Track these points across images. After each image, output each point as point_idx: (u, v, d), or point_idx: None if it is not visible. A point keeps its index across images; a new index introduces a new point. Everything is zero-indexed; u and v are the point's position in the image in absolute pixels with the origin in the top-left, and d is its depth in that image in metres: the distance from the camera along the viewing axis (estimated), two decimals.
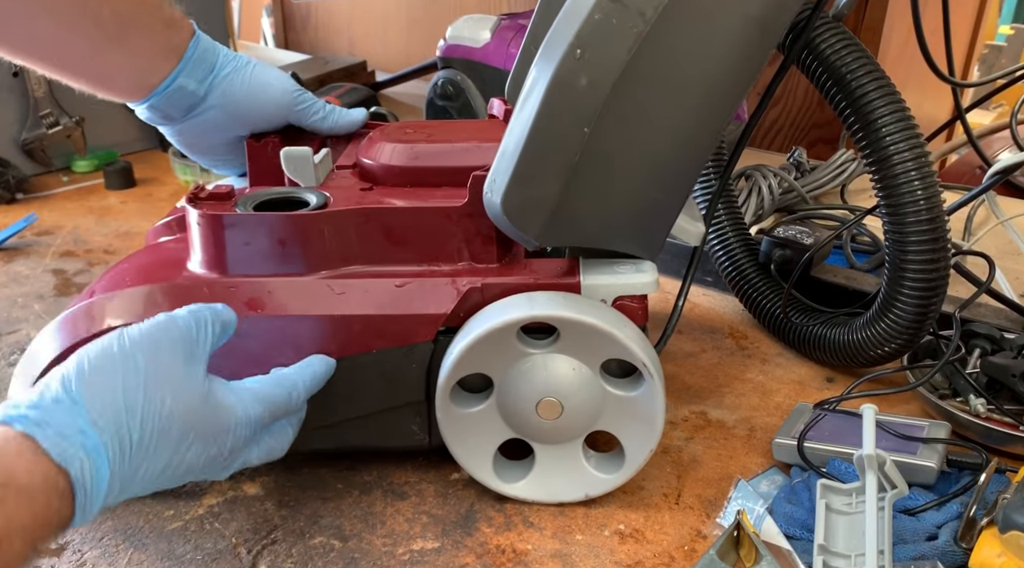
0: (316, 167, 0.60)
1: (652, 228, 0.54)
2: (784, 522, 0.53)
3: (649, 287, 0.54)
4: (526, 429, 0.55)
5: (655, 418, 0.53)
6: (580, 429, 0.55)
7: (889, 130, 0.59)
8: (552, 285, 0.53)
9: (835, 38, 0.60)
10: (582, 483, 0.56)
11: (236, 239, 0.54)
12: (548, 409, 0.53)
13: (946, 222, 0.60)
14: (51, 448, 0.38)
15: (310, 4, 1.86)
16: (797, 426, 0.61)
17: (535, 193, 0.49)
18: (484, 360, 0.53)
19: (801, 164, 1.05)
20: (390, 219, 0.54)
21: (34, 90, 1.14)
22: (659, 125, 0.49)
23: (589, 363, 0.53)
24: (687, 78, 0.47)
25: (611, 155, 0.49)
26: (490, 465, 0.56)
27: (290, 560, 0.52)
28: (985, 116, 1.94)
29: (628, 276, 0.54)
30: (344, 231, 0.54)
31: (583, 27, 0.45)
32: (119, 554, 0.53)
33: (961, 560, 0.49)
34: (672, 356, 0.75)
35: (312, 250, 0.54)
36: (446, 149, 0.59)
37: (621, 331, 0.51)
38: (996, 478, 0.54)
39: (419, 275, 0.55)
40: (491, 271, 0.55)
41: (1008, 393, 0.63)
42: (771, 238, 0.78)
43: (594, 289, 0.54)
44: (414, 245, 0.55)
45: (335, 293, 0.54)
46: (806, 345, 0.73)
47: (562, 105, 0.46)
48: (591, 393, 0.53)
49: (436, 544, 0.54)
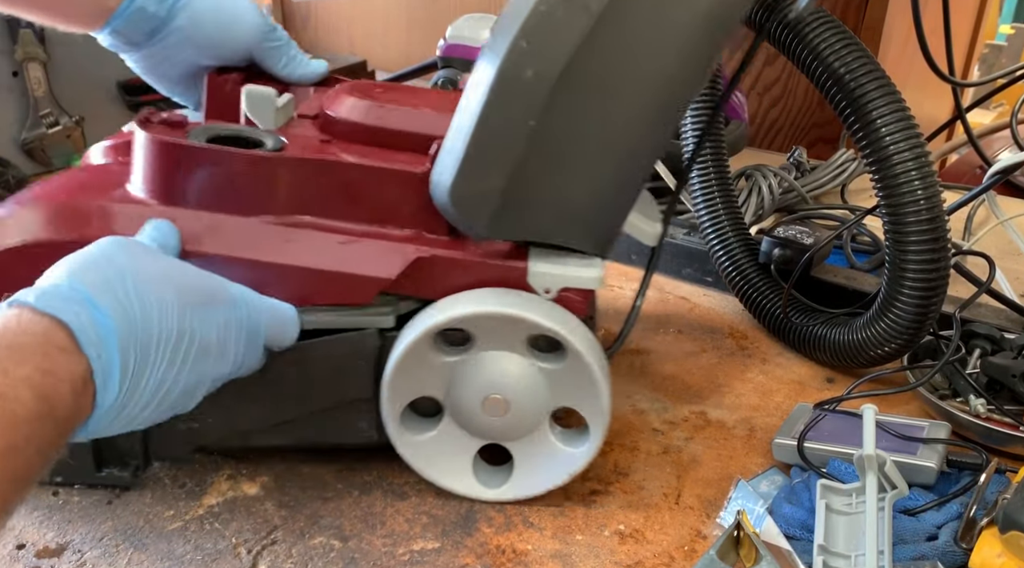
0: (277, 110, 0.58)
1: (602, 225, 0.53)
2: (784, 522, 0.53)
3: (594, 282, 0.53)
4: (488, 432, 0.55)
5: (595, 377, 0.53)
6: (538, 414, 0.55)
7: (889, 130, 0.59)
8: (501, 267, 0.53)
9: (835, 37, 0.60)
10: (563, 464, 0.56)
11: (183, 169, 0.52)
12: (495, 407, 0.53)
13: (946, 222, 0.60)
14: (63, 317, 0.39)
15: (310, 4, 1.86)
16: (797, 426, 0.61)
17: (482, 185, 0.49)
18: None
19: (801, 164, 1.05)
20: (348, 174, 0.53)
21: (34, 90, 1.14)
22: (608, 120, 0.48)
23: (512, 348, 0.53)
24: (635, 73, 0.47)
25: (559, 149, 0.48)
26: (472, 478, 0.56)
27: (290, 560, 0.52)
28: (985, 116, 1.94)
29: (576, 269, 0.53)
30: (298, 179, 0.53)
31: (529, 19, 0.45)
32: (119, 554, 0.53)
33: (961, 560, 0.49)
34: (672, 356, 0.75)
35: (261, 193, 0.53)
36: (413, 114, 0.58)
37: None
38: (996, 478, 0.54)
39: (367, 235, 0.53)
40: (441, 243, 0.54)
41: (1008, 393, 0.63)
42: (771, 238, 0.78)
43: (540, 277, 0.53)
44: (367, 205, 0.54)
45: (276, 240, 0.52)
46: (806, 345, 0.73)
47: (508, 97, 0.46)
48: (527, 376, 0.53)
49: (436, 544, 0.54)
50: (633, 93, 0.48)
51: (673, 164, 0.88)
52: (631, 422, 0.66)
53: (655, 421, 0.66)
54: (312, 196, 0.53)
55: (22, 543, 0.53)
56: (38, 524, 0.55)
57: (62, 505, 0.57)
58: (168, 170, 0.53)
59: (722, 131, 0.82)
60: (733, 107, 0.98)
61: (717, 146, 0.81)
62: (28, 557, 0.52)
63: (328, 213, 0.54)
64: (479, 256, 0.53)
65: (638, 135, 0.50)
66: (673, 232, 0.90)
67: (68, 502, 0.57)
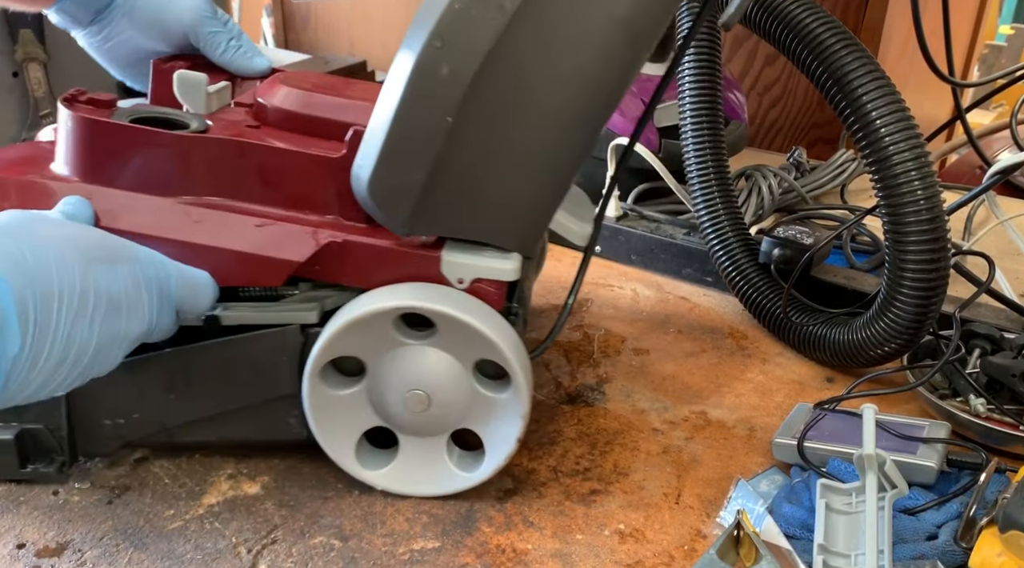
0: (210, 96, 0.59)
1: (523, 224, 0.53)
2: (784, 522, 0.53)
3: (508, 274, 0.53)
4: (392, 418, 0.55)
5: (517, 422, 0.54)
6: (446, 425, 0.55)
7: (889, 130, 0.59)
8: (414, 255, 0.53)
9: (835, 38, 0.60)
10: (442, 479, 0.56)
11: (102, 146, 0.53)
12: (416, 401, 0.53)
13: (946, 222, 0.60)
14: None
15: (310, 4, 1.86)
16: (797, 426, 0.61)
17: (400, 180, 0.49)
18: (359, 344, 0.53)
19: (801, 164, 1.05)
20: (263, 158, 0.53)
21: (34, 90, 1.14)
22: (525, 120, 0.48)
23: (462, 360, 0.53)
24: (552, 74, 0.47)
25: (478, 147, 0.48)
26: (352, 451, 0.56)
27: (290, 560, 0.52)
28: (985, 116, 1.94)
29: (490, 260, 0.53)
30: (215, 161, 0.53)
31: (443, 16, 0.45)
32: (119, 554, 0.53)
33: (961, 560, 0.49)
34: (672, 356, 0.75)
35: (177, 173, 0.53)
36: (341, 103, 0.58)
37: (497, 335, 0.51)
38: (996, 478, 0.54)
39: (283, 219, 0.54)
40: (357, 230, 0.54)
41: (1008, 393, 0.63)
42: (771, 238, 0.78)
43: (454, 266, 0.53)
44: (284, 189, 0.54)
45: (191, 220, 0.53)
46: (806, 345, 0.73)
47: (424, 93, 0.46)
48: (461, 390, 0.54)
49: (436, 544, 0.54)
50: (550, 94, 0.47)
51: (673, 164, 0.88)
52: (631, 422, 0.66)
53: (655, 421, 0.66)
54: (230, 178, 0.53)
55: (22, 543, 0.53)
56: (38, 523, 0.55)
57: (62, 504, 0.57)
58: (88, 148, 0.53)
59: (722, 131, 0.82)
60: (733, 107, 0.98)
61: (717, 146, 0.81)
62: (28, 557, 0.52)
63: (246, 197, 0.54)
64: (393, 244, 0.53)
65: (557, 136, 0.49)
66: (673, 232, 0.90)
67: (68, 502, 0.57)
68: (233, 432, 0.58)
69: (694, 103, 0.80)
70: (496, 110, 0.47)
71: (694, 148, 0.81)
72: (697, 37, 0.78)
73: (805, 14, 0.62)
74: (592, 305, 0.84)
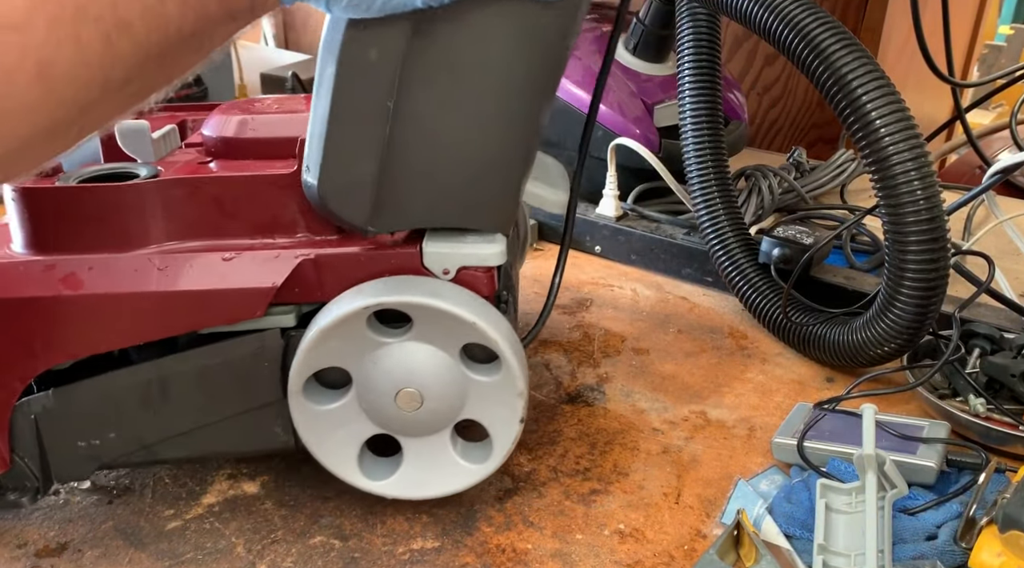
0: (156, 142, 0.56)
1: (491, 203, 0.52)
2: (784, 522, 0.53)
3: (495, 258, 0.52)
4: (389, 423, 0.53)
5: (516, 403, 0.52)
6: (445, 419, 0.53)
7: (889, 130, 0.59)
8: (393, 255, 0.52)
9: (834, 38, 0.60)
10: (453, 475, 0.55)
11: (51, 214, 0.51)
12: (408, 400, 0.52)
13: (946, 222, 0.60)
14: None
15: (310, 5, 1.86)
16: (797, 426, 0.61)
17: (351, 175, 0.48)
18: (337, 353, 0.51)
19: (801, 164, 1.05)
20: (216, 190, 0.52)
21: None
22: (464, 97, 0.47)
23: (447, 349, 0.51)
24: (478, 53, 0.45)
25: (423, 129, 0.47)
26: (355, 463, 0.54)
27: (290, 559, 0.52)
28: (985, 116, 1.94)
29: (473, 246, 0.51)
30: (168, 203, 0.51)
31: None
32: (119, 554, 0.53)
33: (961, 560, 0.49)
34: (672, 356, 0.75)
35: (134, 224, 0.51)
36: (285, 120, 0.56)
37: (475, 314, 0.50)
38: (996, 478, 0.55)
39: (250, 248, 0.52)
40: (328, 243, 0.52)
41: (1008, 393, 0.63)
42: (771, 238, 0.78)
43: (437, 257, 0.52)
44: (246, 217, 0.52)
45: (155, 268, 0.51)
46: (806, 345, 0.73)
47: (357, 80, 0.45)
48: (451, 380, 0.52)
49: (436, 543, 0.54)
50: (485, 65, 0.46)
51: (673, 164, 0.88)
52: (631, 422, 0.66)
53: (655, 421, 0.66)
54: (188, 219, 0.52)
55: (22, 542, 0.54)
56: (38, 523, 0.55)
57: (62, 504, 0.57)
58: (39, 218, 0.51)
59: (722, 131, 0.82)
60: (733, 107, 0.98)
61: (717, 146, 0.81)
62: (28, 556, 0.53)
63: (209, 234, 0.52)
64: (370, 248, 0.52)
65: (503, 111, 0.48)
66: (673, 232, 0.90)
67: (68, 502, 0.57)
68: (216, 445, 0.56)
69: (694, 103, 0.80)
70: (432, 89, 0.46)
71: (694, 148, 0.81)
72: (697, 37, 0.78)
73: (805, 14, 0.62)
74: (592, 305, 0.84)
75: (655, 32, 0.94)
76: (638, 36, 0.95)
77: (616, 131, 0.92)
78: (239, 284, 0.51)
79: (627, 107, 0.93)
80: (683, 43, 0.79)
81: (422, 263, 0.52)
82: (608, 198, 0.93)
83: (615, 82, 0.94)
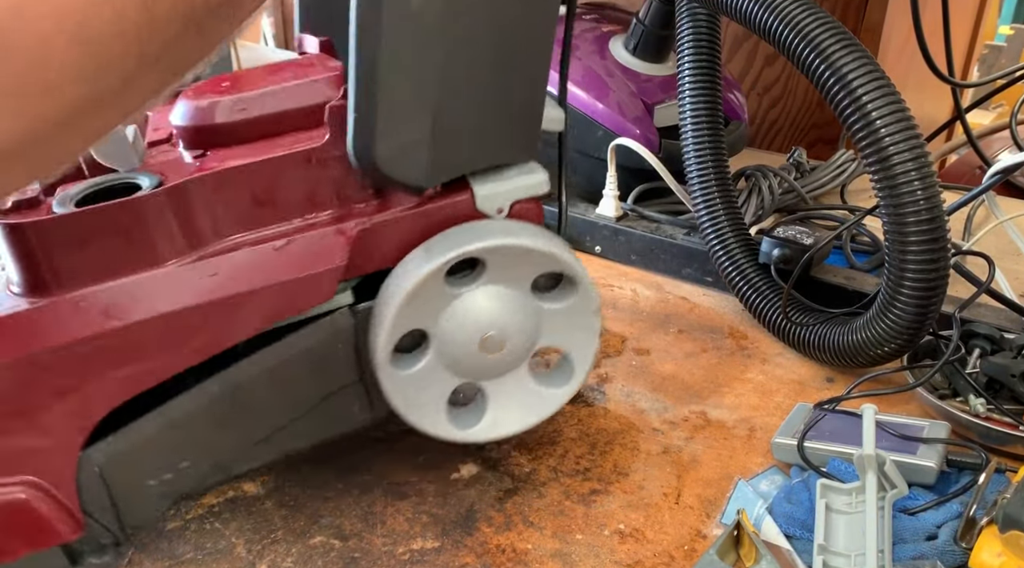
0: (131, 146, 0.50)
1: (525, 131, 0.52)
2: (784, 522, 0.53)
3: (543, 186, 0.52)
4: (471, 371, 0.52)
5: (593, 320, 0.53)
6: (524, 354, 0.53)
7: (889, 130, 0.59)
8: (445, 206, 0.50)
9: (834, 38, 0.60)
10: (537, 405, 0.55)
11: (63, 245, 0.44)
12: (491, 345, 0.51)
13: (946, 222, 0.60)
14: None
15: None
16: (797, 426, 0.61)
17: (410, 133, 0.47)
18: (418, 315, 0.49)
19: (801, 164, 1.05)
20: (246, 179, 0.48)
21: None
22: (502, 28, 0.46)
23: (519, 286, 0.51)
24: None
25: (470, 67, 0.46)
26: (445, 419, 0.53)
27: (290, 559, 0.52)
28: (985, 116, 1.94)
29: (519, 179, 0.51)
30: (198, 205, 0.47)
31: None
32: (119, 554, 0.53)
33: (961, 560, 0.49)
34: (672, 356, 0.75)
35: (161, 236, 0.46)
36: (270, 94, 0.52)
37: (550, 245, 0.50)
38: (996, 478, 0.55)
39: (298, 231, 0.49)
40: (373, 208, 0.50)
41: (1008, 393, 0.63)
42: (771, 238, 0.78)
43: (490, 199, 0.51)
44: (282, 200, 0.49)
45: (207, 275, 0.47)
46: (806, 345, 0.73)
47: (402, 33, 0.44)
48: (528, 315, 0.52)
49: (436, 544, 0.54)
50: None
51: (673, 164, 0.88)
52: (631, 422, 0.66)
53: (655, 421, 0.66)
54: (221, 216, 0.48)
55: None
56: None
57: None
58: (47, 253, 0.44)
59: (722, 131, 0.82)
60: (733, 107, 0.98)
61: (717, 146, 0.81)
62: None
63: (247, 227, 0.49)
64: (418, 204, 0.51)
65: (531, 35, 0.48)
66: (673, 232, 0.90)
67: None
68: (295, 442, 0.53)
69: (694, 103, 0.80)
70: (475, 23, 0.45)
71: (694, 148, 0.81)
72: (697, 37, 0.78)
73: (805, 14, 0.62)
74: None
75: (655, 32, 0.94)
76: (638, 36, 0.95)
77: (616, 131, 0.92)
78: (305, 271, 0.48)
79: (627, 107, 0.93)
80: (683, 43, 0.79)
81: (475, 207, 0.51)
82: (608, 198, 0.93)
83: (615, 82, 0.94)
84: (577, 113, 0.93)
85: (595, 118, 0.94)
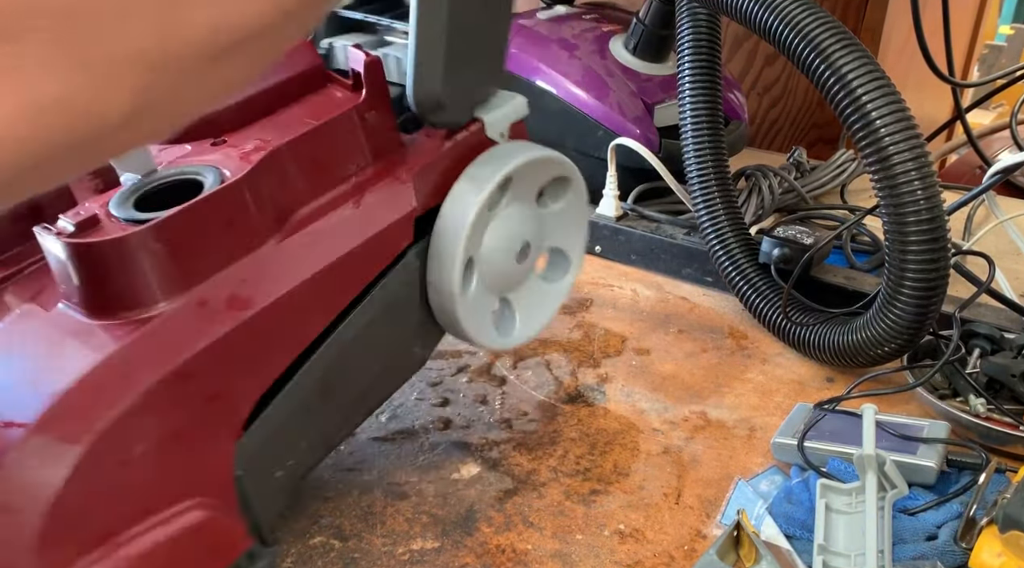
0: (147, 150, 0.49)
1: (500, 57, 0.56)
2: (784, 522, 0.53)
3: (526, 107, 0.57)
4: (507, 286, 0.57)
5: (584, 213, 0.59)
6: (534, 260, 0.58)
7: (889, 130, 0.59)
8: (468, 136, 0.54)
9: (834, 38, 0.60)
10: (549, 302, 0.60)
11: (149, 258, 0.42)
12: (525, 257, 0.56)
13: (946, 222, 0.60)
14: None
15: None
16: (797, 426, 0.61)
17: (466, 74, 0.52)
18: (471, 243, 0.52)
19: (801, 164, 1.05)
20: (309, 147, 0.48)
21: None
22: None
23: (530, 197, 0.56)
24: None
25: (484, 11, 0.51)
26: (495, 332, 0.57)
27: (290, 559, 0.52)
28: (985, 116, 1.94)
29: (508, 105, 0.56)
30: (275, 182, 0.47)
31: None
32: None
33: (961, 560, 0.49)
34: (672, 356, 0.75)
35: (254, 225, 0.46)
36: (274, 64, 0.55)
37: (554, 153, 0.55)
38: (996, 478, 0.55)
39: (358, 188, 0.50)
40: (409, 151, 0.53)
41: (1008, 393, 0.63)
42: (771, 238, 0.78)
43: (494, 125, 0.55)
44: (338, 162, 0.50)
45: (301, 248, 0.47)
46: (806, 345, 0.73)
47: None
48: (539, 221, 0.57)
49: (436, 544, 0.54)
50: None
51: (673, 164, 0.88)
52: (631, 422, 0.66)
53: (655, 421, 0.66)
54: (289, 192, 0.48)
55: None
56: None
57: None
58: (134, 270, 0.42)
59: (722, 131, 0.82)
60: (733, 107, 0.98)
61: (717, 146, 0.81)
62: None
63: (316, 195, 0.49)
64: (445, 139, 0.54)
65: None
66: (673, 232, 0.90)
67: None
68: (379, 397, 0.55)
69: (694, 103, 0.80)
70: None
71: (694, 148, 0.81)
72: (697, 37, 0.78)
73: (805, 14, 0.62)
74: (592, 305, 0.84)
75: (655, 32, 0.94)
76: (638, 36, 0.95)
77: (616, 131, 0.92)
78: (389, 219, 0.51)
79: (627, 107, 0.93)
80: (683, 43, 0.79)
81: (487, 134, 0.55)
82: (608, 198, 0.93)
83: (615, 82, 0.94)
84: (577, 113, 0.93)
85: (595, 118, 0.94)
